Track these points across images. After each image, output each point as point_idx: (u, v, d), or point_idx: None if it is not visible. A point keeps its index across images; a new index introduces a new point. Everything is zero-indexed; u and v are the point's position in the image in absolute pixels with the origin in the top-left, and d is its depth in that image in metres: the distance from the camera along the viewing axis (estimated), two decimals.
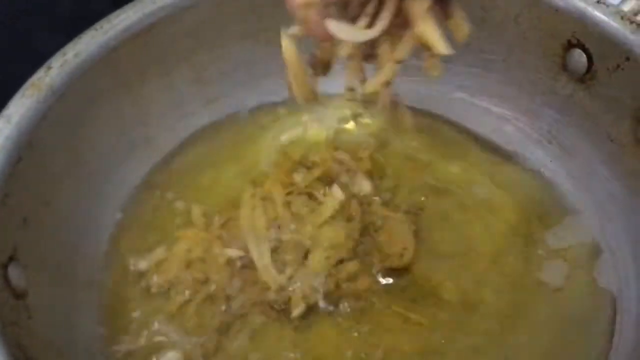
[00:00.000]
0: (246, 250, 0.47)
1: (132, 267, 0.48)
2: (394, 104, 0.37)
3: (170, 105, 0.54)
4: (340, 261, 0.47)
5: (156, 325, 0.45)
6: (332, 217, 0.49)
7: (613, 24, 0.44)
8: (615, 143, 0.47)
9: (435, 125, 0.56)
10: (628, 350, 0.40)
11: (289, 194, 0.50)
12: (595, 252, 0.47)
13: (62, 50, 0.46)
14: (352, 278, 0.47)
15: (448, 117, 0.56)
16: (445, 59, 0.36)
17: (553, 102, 0.52)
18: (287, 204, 0.50)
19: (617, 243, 0.46)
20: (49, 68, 0.45)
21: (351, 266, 0.47)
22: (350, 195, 0.50)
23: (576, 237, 0.48)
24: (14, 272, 0.39)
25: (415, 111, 0.56)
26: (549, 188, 0.51)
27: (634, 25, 0.44)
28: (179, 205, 0.52)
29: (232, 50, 0.55)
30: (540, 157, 0.53)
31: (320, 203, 0.50)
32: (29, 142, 0.42)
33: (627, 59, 0.44)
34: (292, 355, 0.44)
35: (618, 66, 0.45)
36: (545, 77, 0.51)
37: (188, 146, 0.55)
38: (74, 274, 0.46)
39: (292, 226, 0.48)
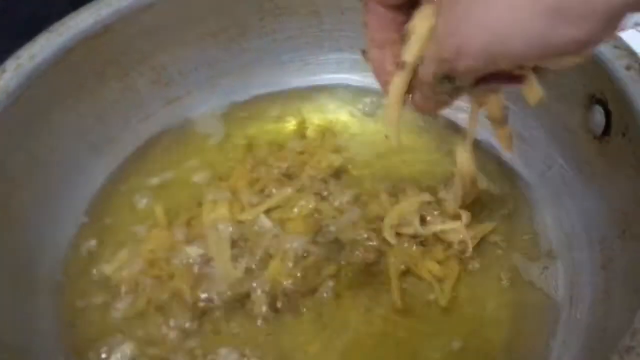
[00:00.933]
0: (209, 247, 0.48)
1: (94, 270, 0.48)
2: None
3: (131, 106, 0.54)
4: (304, 255, 0.47)
5: (119, 327, 0.45)
6: (297, 212, 0.50)
7: None
8: (570, 132, 0.48)
9: None
10: (580, 335, 0.41)
11: (253, 189, 0.51)
12: (550, 238, 0.48)
13: (16, 54, 0.46)
14: (315, 272, 0.47)
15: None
16: None
17: (509, 93, 0.52)
18: (251, 200, 0.50)
19: (572, 230, 0.47)
20: (3, 71, 0.45)
21: (314, 260, 0.47)
22: (316, 195, 0.51)
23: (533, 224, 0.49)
24: None
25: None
26: (506, 177, 0.52)
27: None
28: (143, 205, 0.52)
29: (191, 51, 0.55)
30: (497, 147, 0.53)
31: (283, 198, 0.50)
32: None
33: None
34: (256, 351, 0.44)
35: None
36: None
37: (150, 147, 0.55)
38: (34, 276, 0.46)
39: (256, 221, 0.49)
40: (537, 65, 0.33)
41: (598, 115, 0.44)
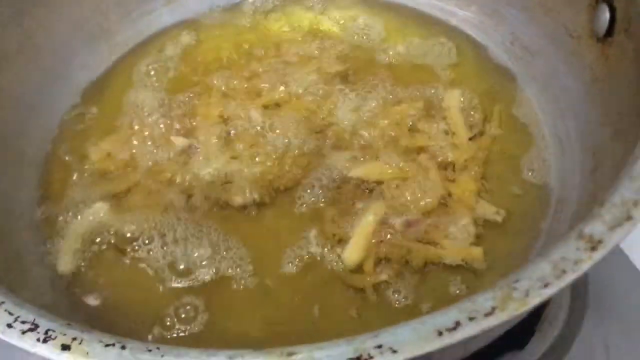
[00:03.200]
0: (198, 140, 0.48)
1: (82, 149, 0.48)
2: None
3: None
4: (293, 152, 0.47)
5: (98, 203, 0.45)
6: (291, 110, 0.49)
7: None
8: (574, 38, 0.46)
9: (401, 26, 0.55)
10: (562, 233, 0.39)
11: (250, 84, 0.51)
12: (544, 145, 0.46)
13: None
14: (301, 168, 0.46)
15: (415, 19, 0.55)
16: None
17: (517, 2, 0.50)
18: (245, 96, 0.50)
19: (567, 137, 0.45)
20: None
21: (302, 156, 0.47)
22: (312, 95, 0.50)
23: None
24: None
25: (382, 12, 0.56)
26: (510, 87, 0.50)
27: None
28: (138, 95, 0.51)
29: None
30: (503, 59, 0.52)
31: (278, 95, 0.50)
32: None
33: None
34: (233, 241, 0.44)
35: None
36: None
37: (150, 43, 0.55)
38: (22, 147, 0.46)
39: (248, 114, 0.48)
40: None
41: (602, 16, 0.42)
